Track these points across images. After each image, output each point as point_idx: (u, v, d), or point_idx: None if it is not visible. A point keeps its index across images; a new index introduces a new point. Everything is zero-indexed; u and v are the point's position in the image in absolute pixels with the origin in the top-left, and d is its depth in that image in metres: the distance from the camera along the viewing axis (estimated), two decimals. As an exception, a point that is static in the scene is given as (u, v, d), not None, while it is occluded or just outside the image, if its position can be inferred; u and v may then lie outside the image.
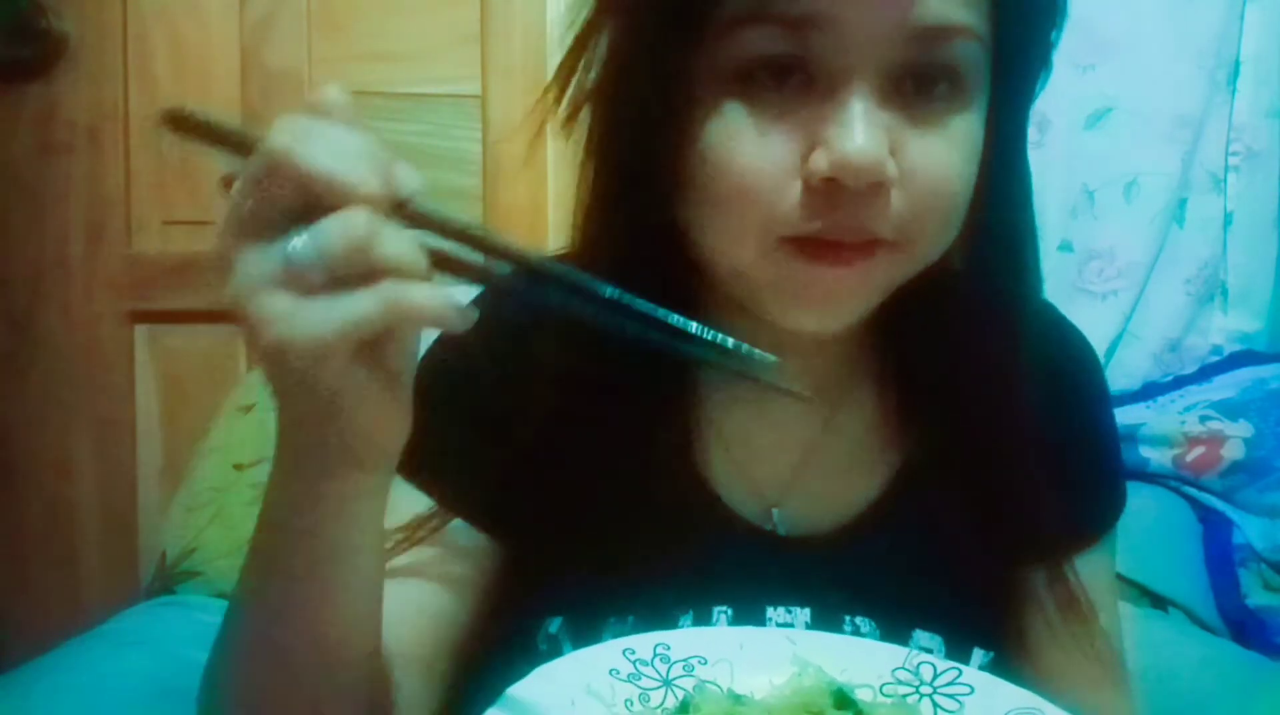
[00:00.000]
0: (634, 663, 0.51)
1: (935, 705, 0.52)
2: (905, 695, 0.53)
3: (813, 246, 0.51)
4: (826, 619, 0.60)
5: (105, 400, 1.36)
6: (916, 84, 0.50)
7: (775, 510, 0.63)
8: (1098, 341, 1.29)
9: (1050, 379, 0.62)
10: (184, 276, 1.35)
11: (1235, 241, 1.33)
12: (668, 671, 0.51)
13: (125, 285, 1.35)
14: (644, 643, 0.53)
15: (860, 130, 0.48)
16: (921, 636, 0.61)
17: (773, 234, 0.51)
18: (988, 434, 0.61)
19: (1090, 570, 0.64)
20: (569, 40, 0.57)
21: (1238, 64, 1.31)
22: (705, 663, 0.52)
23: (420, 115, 1.34)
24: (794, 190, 0.50)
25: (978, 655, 0.61)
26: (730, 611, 0.59)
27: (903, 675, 0.54)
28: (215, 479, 1.16)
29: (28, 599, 1.35)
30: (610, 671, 0.50)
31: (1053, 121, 1.28)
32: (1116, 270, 1.30)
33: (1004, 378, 0.60)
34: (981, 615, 0.62)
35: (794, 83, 0.50)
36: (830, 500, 0.63)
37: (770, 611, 0.60)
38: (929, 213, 0.51)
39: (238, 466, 1.16)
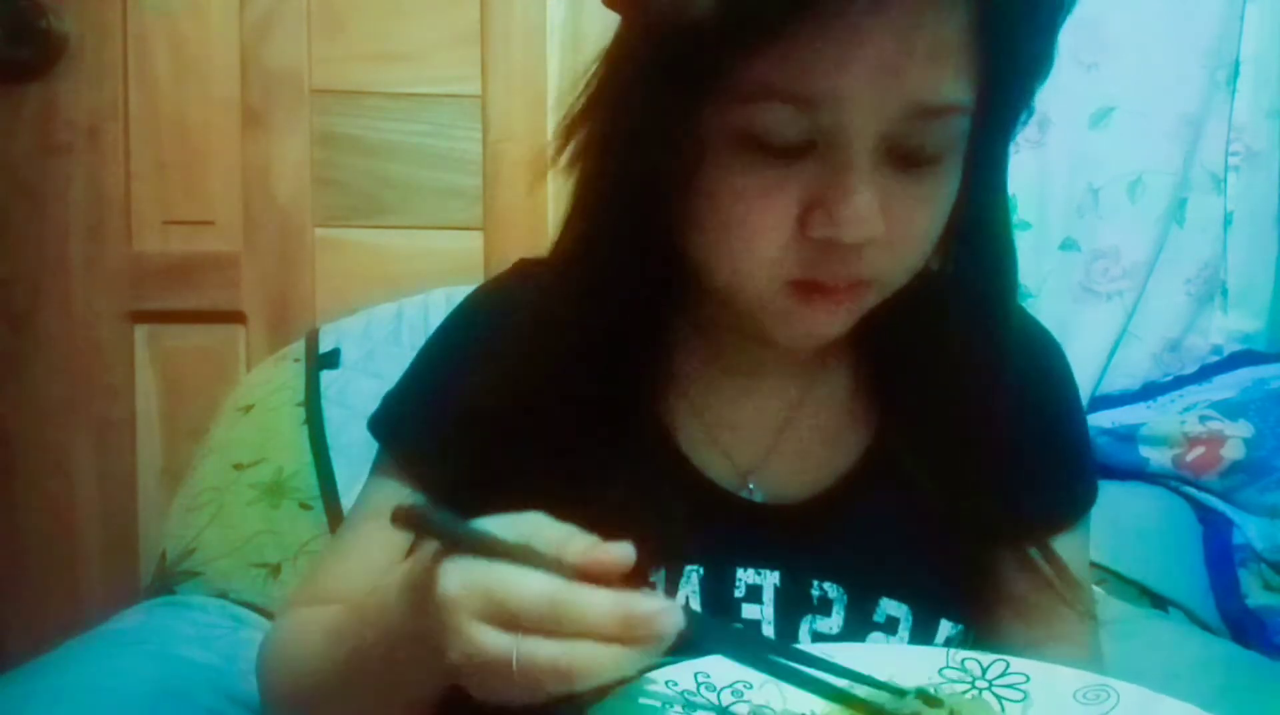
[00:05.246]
0: (680, 694, 0.51)
1: (999, 699, 0.52)
2: (964, 692, 0.52)
3: (807, 288, 0.56)
4: (795, 582, 0.63)
5: (105, 400, 1.36)
6: (908, 151, 0.54)
7: (750, 478, 0.66)
8: (1100, 342, 1.30)
9: (1019, 372, 0.66)
10: (184, 276, 1.35)
11: (1235, 241, 1.32)
12: (719, 699, 0.51)
13: (125, 285, 1.35)
14: (683, 672, 0.52)
15: (858, 197, 0.53)
16: (889, 605, 0.63)
17: (776, 279, 0.56)
18: (955, 414, 0.64)
19: (1063, 555, 0.65)
20: (579, 95, 0.60)
21: (1238, 64, 1.31)
22: (751, 687, 0.52)
23: (420, 115, 1.33)
24: (794, 242, 0.55)
25: (945, 626, 0.63)
26: (701, 570, 0.63)
27: (951, 674, 0.54)
28: (215, 479, 1.16)
29: (28, 599, 1.35)
30: (665, 703, 0.50)
31: (1055, 121, 1.28)
32: (1121, 270, 1.30)
33: (972, 365, 0.64)
34: (950, 588, 0.64)
35: (797, 147, 0.53)
36: (805, 470, 0.67)
37: (740, 573, 0.63)
38: (908, 257, 0.58)
39: (237, 466, 1.16)
